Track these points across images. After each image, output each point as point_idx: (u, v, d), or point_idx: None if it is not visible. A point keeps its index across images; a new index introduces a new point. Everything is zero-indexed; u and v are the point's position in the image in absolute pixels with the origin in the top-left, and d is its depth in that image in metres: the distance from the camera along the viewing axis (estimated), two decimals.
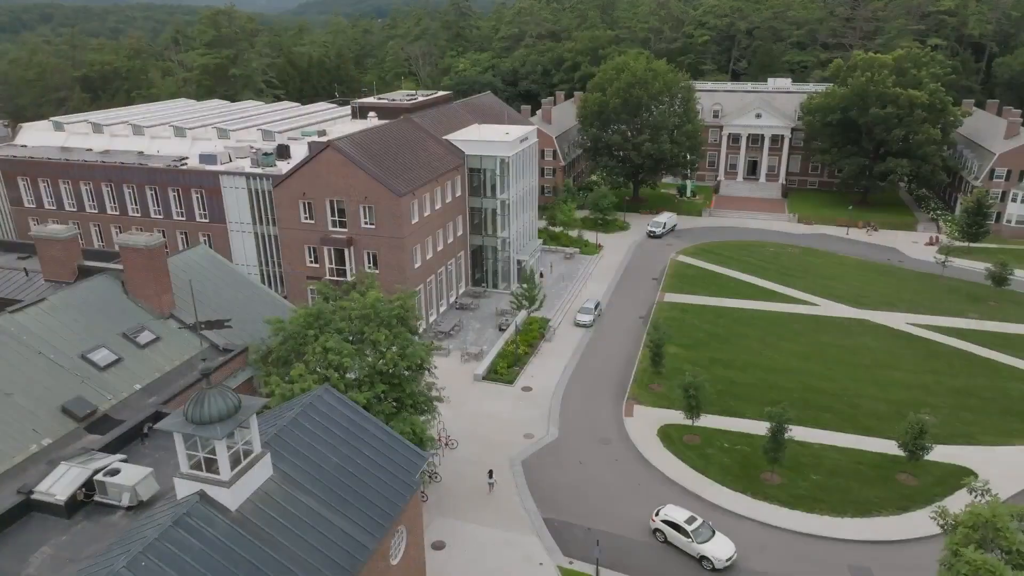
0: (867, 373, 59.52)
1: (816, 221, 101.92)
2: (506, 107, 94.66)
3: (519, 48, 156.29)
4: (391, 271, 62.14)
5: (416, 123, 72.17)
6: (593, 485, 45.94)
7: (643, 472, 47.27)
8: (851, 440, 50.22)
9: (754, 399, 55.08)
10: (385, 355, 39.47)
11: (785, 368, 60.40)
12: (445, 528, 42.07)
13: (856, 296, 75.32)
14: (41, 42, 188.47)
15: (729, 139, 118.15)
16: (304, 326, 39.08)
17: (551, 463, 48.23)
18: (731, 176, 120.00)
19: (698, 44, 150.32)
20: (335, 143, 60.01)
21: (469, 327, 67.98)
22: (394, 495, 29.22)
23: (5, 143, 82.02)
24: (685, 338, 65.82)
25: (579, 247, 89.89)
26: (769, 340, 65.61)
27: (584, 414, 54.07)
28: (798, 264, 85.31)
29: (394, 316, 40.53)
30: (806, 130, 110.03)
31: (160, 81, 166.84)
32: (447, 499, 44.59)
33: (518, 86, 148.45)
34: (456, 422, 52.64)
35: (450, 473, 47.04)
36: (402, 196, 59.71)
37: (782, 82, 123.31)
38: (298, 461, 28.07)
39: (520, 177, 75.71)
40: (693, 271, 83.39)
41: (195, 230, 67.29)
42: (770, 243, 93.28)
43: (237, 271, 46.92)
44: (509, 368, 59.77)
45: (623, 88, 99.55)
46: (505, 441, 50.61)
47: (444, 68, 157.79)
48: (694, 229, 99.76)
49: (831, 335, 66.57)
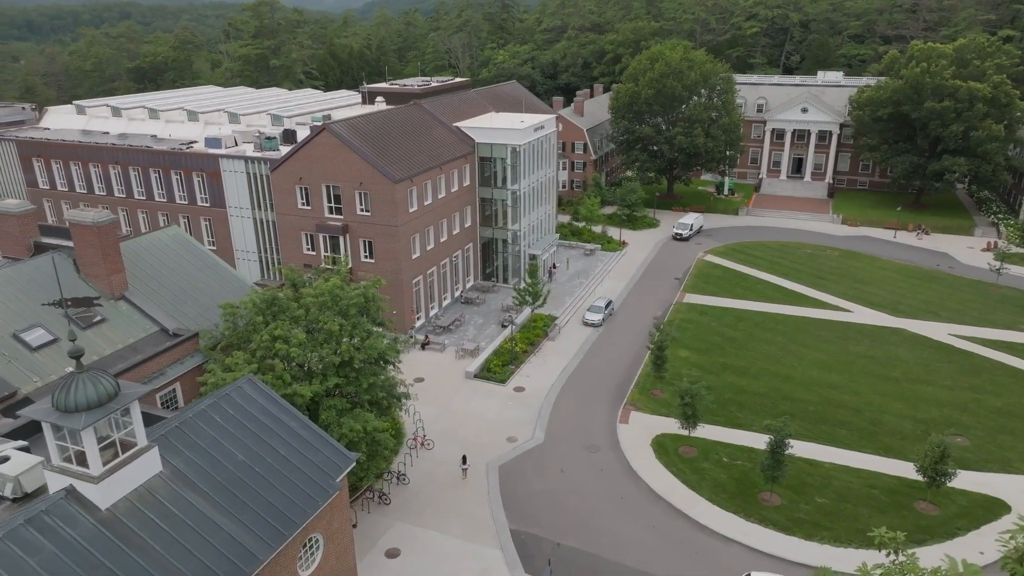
0: (896, 387, 54.02)
1: (862, 223, 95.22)
2: (528, 96, 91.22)
3: (561, 40, 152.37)
4: (387, 261, 59.72)
5: (425, 109, 69.55)
6: (571, 496, 42.34)
7: (628, 484, 43.40)
8: (867, 461, 45.18)
9: (763, 410, 50.46)
10: (340, 347, 36.78)
11: (803, 378, 55.39)
12: (404, 534, 39.18)
13: (895, 303, 69.26)
14: (101, 35, 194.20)
15: (773, 135, 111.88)
16: (254, 312, 36.73)
17: (530, 469, 44.83)
18: (774, 174, 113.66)
19: (747, 37, 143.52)
20: (330, 126, 57.88)
21: (471, 322, 65.00)
22: (305, 500, 26.44)
23: (29, 126, 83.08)
24: (699, 341, 61.37)
25: (601, 243, 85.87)
26: (791, 347, 60.54)
27: (576, 418, 50.44)
28: (835, 267, 79.37)
29: (353, 305, 37.80)
30: (854, 125, 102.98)
31: (210, 72, 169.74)
32: (412, 503, 41.70)
33: (557, 79, 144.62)
34: (438, 421, 49.76)
35: (421, 475, 44.15)
36: (397, 182, 57.14)
37: (833, 75, 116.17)
38: (197, 457, 25.56)
39: (535, 168, 72.29)
40: (719, 272, 78.44)
41: (197, 214, 66.29)
42: (808, 245, 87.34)
43: (208, 254, 45.04)
44: (504, 367, 56.55)
45: (656, 79, 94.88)
46: (486, 443, 47.45)
47: (483, 60, 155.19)
48: (727, 228, 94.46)
49: (861, 344, 61.02)
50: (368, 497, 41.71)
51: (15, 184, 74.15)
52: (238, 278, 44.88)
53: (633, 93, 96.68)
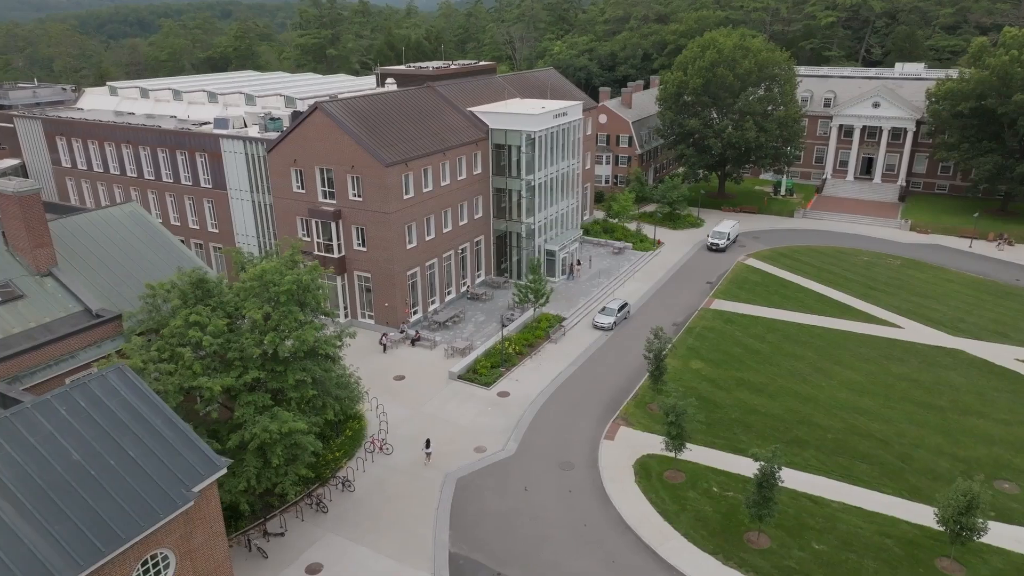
0: (939, 418, 46.37)
1: (933, 230, 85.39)
2: (564, 84, 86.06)
3: (622, 32, 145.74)
4: (379, 249, 56.28)
5: (438, 92, 65.74)
6: (529, 519, 37.51)
7: (597, 510, 38.19)
8: (886, 503, 38.31)
9: (773, 435, 44.07)
10: (265, 337, 33.28)
11: (829, 400, 48.41)
12: (332, 549, 35.39)
13: (956, 320, 60.67)
14: (178, 26, 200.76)
15: (840, 132, 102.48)
16: (176, 295, 33.69)
17: (491, 485, 40.23)
18: (840, 174, 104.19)
19: (823, 27, 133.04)
20: (323, 105, 54.84)
21: (471, 319, 60.77)
22: (143, 512, 22.89)
23: (66, 106, 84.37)
24: (716, 352, 55.11)
25: (633, 241, 79.90)
26: (822, 364, 53.44)
27: (557, 431, 45.45)
28: (893, 277, 70.83)
29: (284, 292, 34.23)
30: (931, 121, 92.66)
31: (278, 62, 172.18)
32: (352, 513, 37.88)
33: (616, 71, 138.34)
34: (406, 424, 45.82)
35: (371, 483, 40.29)
36: (389, 166, 53.50)
37: (913, 67, 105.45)
38: (20, 453, 22.40)
39: (556, 158, 67.33)
40: (758, 277, 71.28)
41: (200, 196, 64.79)
42: (866, 252, 78.70)
43: (164, 234, 42.60)
44: (492, 368, 52.08)
45: (706, 67, 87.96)
46: (452, 451, 43.16)
47: (540, 52, 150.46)
48: (779, 231, 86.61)
49: (906, 365, 53.26)
50: (308, 503, 38.18)
51: (43, 164, 75.02)
52: (192, 260, 42.19)
53: (681, 83, 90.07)
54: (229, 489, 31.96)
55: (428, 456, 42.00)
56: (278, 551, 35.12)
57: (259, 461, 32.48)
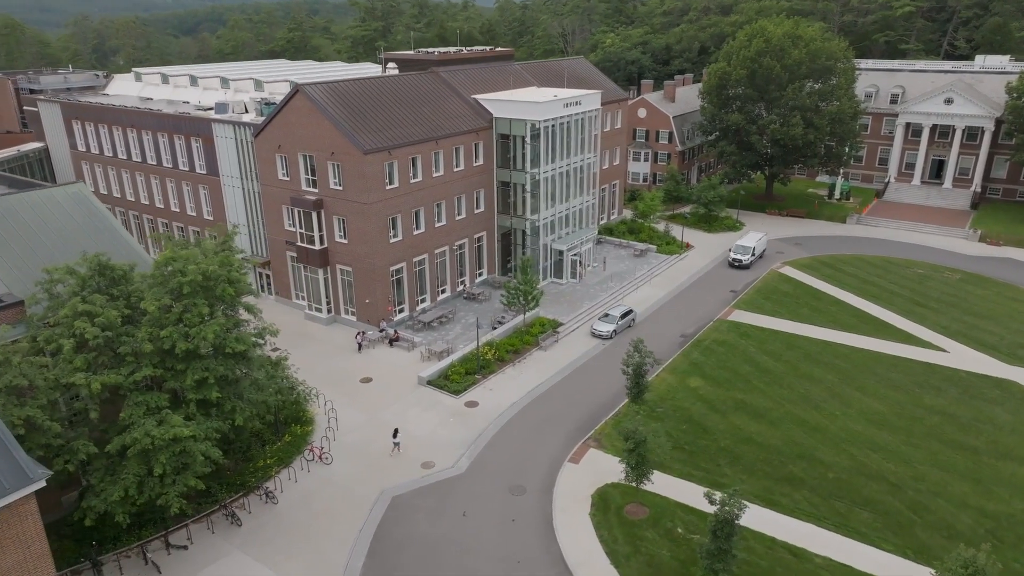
0: (971, 461, 39.28)
1: (1006, 242, 75.85)
2: (591, 74, 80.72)
3: (680, 24, 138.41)
4: (359, 243, 52.96)
5: (441, 78, 61.97)
6: (458, 550, 33.17)
7: (536, 546, 33.47)
8: (882, 562, 32.06)
9: (762, 469, 38.23)
10: (162, 332, 30.22)
11: (840, 432, 41.92)
12: (233, 569, 32.05)
13: (1013, 346, 52.54)
14: (243, 20, 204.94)
15: (907, 131, 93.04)
16: (76, 282, 31.06)
17: (428, 507, 36.09)
18: (905, 178, 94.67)
19: (899, 18, 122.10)
20: (304, 87, 51.90)
21: (461, 320, 56.70)
22: None
23: (94, 92, 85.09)
24: (722, 369, 49.19)
25: (659, 244, 73.98)
26: (841, 389, 46.77)
27: (519, 449, 40.87)
28: (948, 293, 62.58)
29: (187, 283, 31.08)
30: (1010, 119, 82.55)
31: (336, 54, 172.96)
32: (267, 530, 34.48)
33: (670, 65, 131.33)
34: (357, 431, 42.23)
35: (299, 495, 36.84)
36: (369, 153, 50.02)
37: (997, 60, 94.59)
38: None
39: (567, 151, 62.42)
40: (789, 286, 64.38)
41: (196, 182, 63.16)
42: (921, 263, 70.28)
43: (106, 218, 40.38)
44: (466, 375, 47.89)
45: (751, 57, 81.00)
46: (397, 465, 39.28)
47: (592, 45, 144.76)
48: (826, 238, 78.85)
49: (943, 395, 45.95)
50: (225, 514, 35.04)
51: (63, 148, 75.48)
52: (131, 244, 39.80)
53: (724, 73, 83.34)
54: (105, 498, 29.02)
55: (396, 447, 40.10)
56: (175, 566, 32.06)
57: (142, 469, 29.41)
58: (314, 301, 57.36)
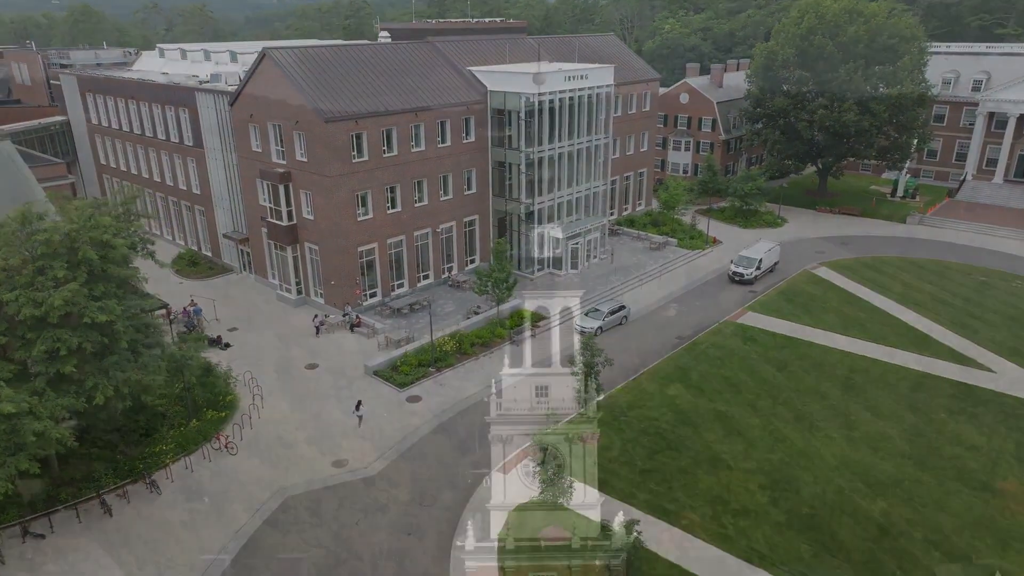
0: (989, 506, 31.60)
1: None
2: (618, 52, 74.34)
3: (748, 8, 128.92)
4: (324, 219, 49.25)
5: (435, 48, 57.54)
6: (333, 566, 28.60)
7: (426, 563, 28.57)
8: None
9: (721, 500, 31.87)
10: (7, 294, 27.09)
11: (833, 458, 34.88)
12: (82, 566, 28.65)
13: None
14: (313, 9, 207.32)
15: (990, 122, 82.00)
16: None
17: (320, 512, 31.72)
18: (986, 175, 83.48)
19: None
20: (271, 51, 48.62)
21: (438, 309, 52.11)
22: None
23: (122, 68, 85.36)
24: (711, 377, 42.70)
25: (681, 237, 67.16)
26: (849, 407, 39.45)
27: (446, 453, 35.97)
28: (1009, 304, 53.37)
29: (42, 244, 27.86)
30: None
31: None
32: (137, 524, 30.97)
33: (732, 52, 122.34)
34: (277, 424, 38.38)
35: (187, 488, 33.23)
36: (330, 121, 46.16)
37: None
38: None
39: (571, 130, 56.77)
40: (818, 288, 56.57)
41: (184, 154, 61.22)
42: (984, 269, 60.76)
43: (25, 179, 38.24)
44: (418, 367, 43.33)
45: (801, 35, 72.77)
46: (305, 460, 35.23)
47: (651, 31, 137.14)
48: (877, 238, 69.88)
49: (974, 423, 37.96)
50: (100, 503, 31.81)
51: (81, 121, 75.64)
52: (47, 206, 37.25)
53: (770, 53, 75.34)
54: None
55: (360, 420, 38.26)
56: (22, 557, 28.94)
57: None
58: (284, 281, 54.19)
